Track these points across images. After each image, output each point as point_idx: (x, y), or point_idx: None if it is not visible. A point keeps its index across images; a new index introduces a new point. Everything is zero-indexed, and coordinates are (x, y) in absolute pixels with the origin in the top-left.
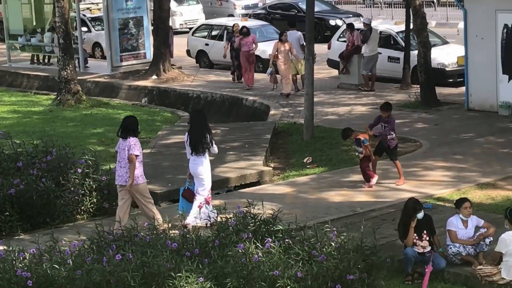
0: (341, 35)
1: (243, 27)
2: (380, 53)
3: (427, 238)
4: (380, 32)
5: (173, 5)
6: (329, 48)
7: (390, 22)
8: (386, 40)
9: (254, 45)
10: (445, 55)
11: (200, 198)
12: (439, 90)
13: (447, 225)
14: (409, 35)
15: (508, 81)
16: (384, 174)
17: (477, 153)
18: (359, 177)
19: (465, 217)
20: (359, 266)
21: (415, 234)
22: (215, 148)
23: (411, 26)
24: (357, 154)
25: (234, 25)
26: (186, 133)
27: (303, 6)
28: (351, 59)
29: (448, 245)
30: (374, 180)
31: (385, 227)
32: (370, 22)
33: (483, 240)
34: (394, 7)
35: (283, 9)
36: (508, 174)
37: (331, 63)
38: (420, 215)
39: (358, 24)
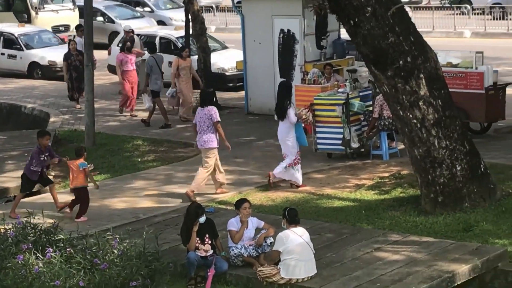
0: (121, 41)
1: (128, 39)
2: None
3: (210, 242)
4: (161, 37)
5: None
6: (109, 53)
7: (169, 28)
8: (167, 46)
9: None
10: (225, 60)
11: (287, 161)
12: (220, 94)
13: (228, 226)
14: (189, 40)
15: None
16: (167, 179)
17: (257, 156)
18: (142, 183)
19: (245, 218)
20: (142, 273)
21: (198, 238)
22: (291, 117)
23: (191, 31)
24: None
25: (70, 42)
26: None
27: None
28: None
29: (230, 247)
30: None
31: (168, 232)
32: (131, 29)
33: (264, 241)
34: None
35: None
36: None
37: (112, 69)
38: (202, 219)
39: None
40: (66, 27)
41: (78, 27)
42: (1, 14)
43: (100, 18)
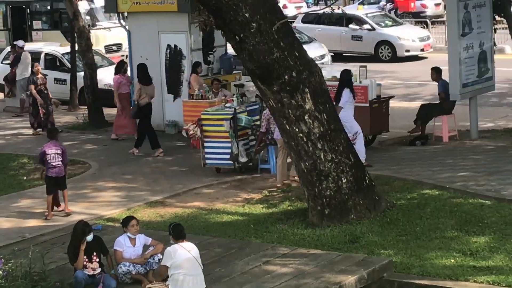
0: (6, 57)
1: (122, 61)
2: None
3: (97, 260)
4: (46, 54)
5: None
6: None
7: (55, 44)
8: (52, 62)
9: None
10: (112, 76)
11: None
12: (107, 110)
13: (114, 244)
14: (75, 57)
15: (174, 100)
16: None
17: (146, 172)
18: (28, 201)
19: (133, 235)
20: None
21: (85, 257)
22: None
23: (77, 48)
24: None
25: (35, 65)
26: None
27: None
28: (17, 82)
29: (118, 264)
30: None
31: (55, 251)
32: (23, 45)
33: (152, 258)
34: None
35: None
36: (176, 191)
37: None
38: (90, 237)
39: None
40: (119, 46)
41: None
42: (48, 33)
43: None
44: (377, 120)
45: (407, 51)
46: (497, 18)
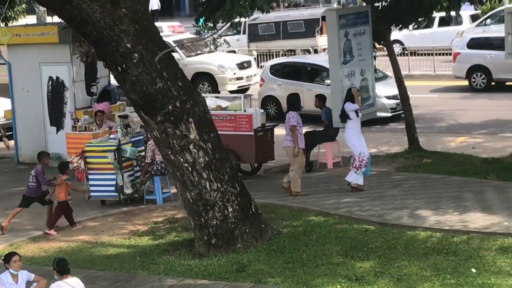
0: None
1: (105, 89)
2: None
3: None
4: None
5: None
6: None
7: None
8: None
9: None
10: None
11: (354, 162)
12: None
13: None
14: None
15: (57, 133)
16: None
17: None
18: None
19: (15, 271)
20: None
21: None
22: (348, 107)
23: None
24: None
25: None
26: None
27: None
28: None
29: None
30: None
31: None
32: None
33: None
34: None
35: None
36: (60, 225)
37: None
38: None
39: None
40: None
41: None
42: None
43: None
44: (263, 148)
45: None
46: (377, 45)
